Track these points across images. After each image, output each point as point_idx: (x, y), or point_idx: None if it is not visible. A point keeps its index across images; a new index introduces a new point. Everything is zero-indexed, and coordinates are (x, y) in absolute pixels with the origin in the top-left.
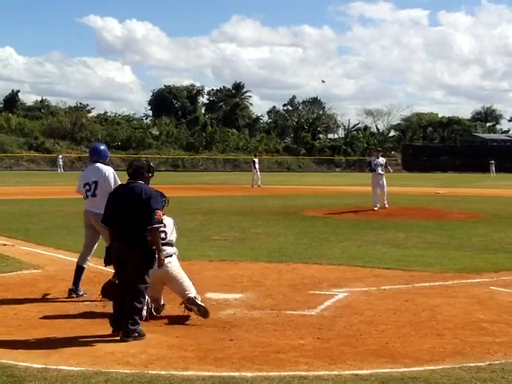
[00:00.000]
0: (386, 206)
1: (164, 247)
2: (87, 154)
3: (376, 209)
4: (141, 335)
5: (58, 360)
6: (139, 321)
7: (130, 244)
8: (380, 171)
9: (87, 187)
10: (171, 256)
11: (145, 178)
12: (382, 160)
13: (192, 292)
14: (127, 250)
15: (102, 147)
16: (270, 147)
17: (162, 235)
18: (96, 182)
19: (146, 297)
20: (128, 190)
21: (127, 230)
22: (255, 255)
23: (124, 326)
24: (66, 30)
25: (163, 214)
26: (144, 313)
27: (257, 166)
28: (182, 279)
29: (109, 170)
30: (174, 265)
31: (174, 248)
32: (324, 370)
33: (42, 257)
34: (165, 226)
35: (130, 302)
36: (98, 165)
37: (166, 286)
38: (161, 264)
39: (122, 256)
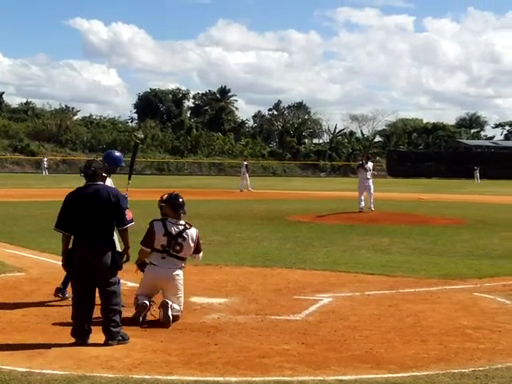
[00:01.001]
0: (372, 209)
1: (172, 259)
2: (72, 157)
3: (362, 210)
4: (125, 339)
5: (41, 364)
6: (120, 323)
7: (100, 248)
8: (368, 175)
9: None
10: (180, 269)
11: (103, 178)
12: (370, 165)
13: (179, 306)
14: (95, 254)
15: (116, 154)
16: (256, 152)
17: (177, 247)
18: None
19: (147, 302)
20: (92, 193)
21: (94, 233)
22: (240, 260)
23: (106, 329)
24: (52, 33)
25: (190, 226)
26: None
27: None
28: (180, 294)
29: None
30: (180, 278)
31: (184, 262)
32: (308, 375)
33: (25, 259)
34: (184, 239)
35: (106, 305)
36: None
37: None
38: (127, 260)
39: (87, 260)
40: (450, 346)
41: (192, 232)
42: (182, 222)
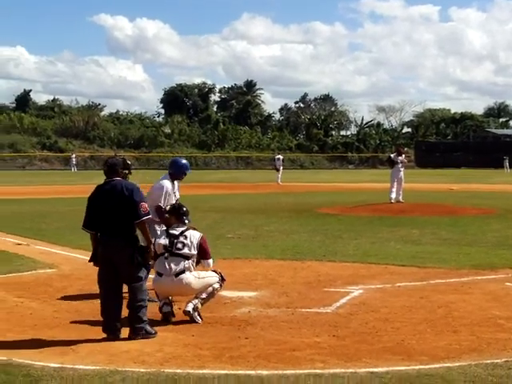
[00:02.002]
0: (402, 200)
1: (176, 258)
2: (100, 153)
3: (393, 201)
4: (150, 333)
5: (73, 359)
6: (145, 318)
7: (118, 244)
8: (400, 167)
9: None
10: (188, 272)
11: (120, 174)
12: (401, 158)
13: (208, 291)
14: (115, 250)
15: (183, 162)
16: (283, 145)
17: (179, 245)
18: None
19: (170, 309)
20: (109, 189)
21: (114, 230)
22: (269, 253)
23: (130, 325)
24: (77, 29)
25: (194, 229)
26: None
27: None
28: (200, 290)
29: (157, 184)
30: (193, 282)
31: (188, 262)
32: (340, 367)
33: (56, 256)
34: (185, 237)
35: (132, 301)
36: (163, 177)
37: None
38: (151, 257)
39: (109, 257)
40: (482, 336)
41: (194, 233)
42: (184, 226)
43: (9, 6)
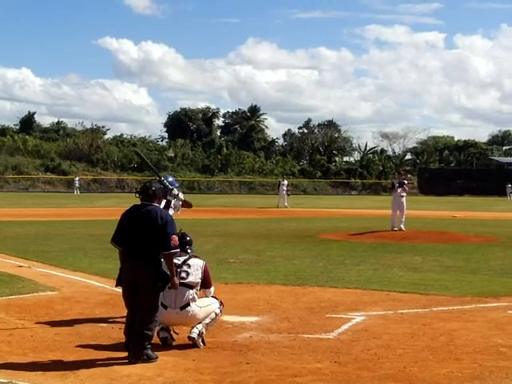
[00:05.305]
0: (403, 228)
1: (181, 288)
2: (103, 176)
3: (396, 229)
4: (151, 358)
5: (74, 382)
6: (148, 345)
7: (143, 267)
8: (402, 193)
9: None
10: (192, 303)
11: (160, 199)
12: (401, 180)
13: (212, 316)
14: (139, 272)
15: (169, 180)
16: (286, 170)
17: (183, 274)
18: None
19: (167, 335)
20: (143, 213)
21: (140, 253)
22: (271, 278)
23: (132, 348)
24: (84, 52)
25: (195, 257)
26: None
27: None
28: (203, 318)
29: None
30: (197, 312)
31: (193, 292)
32: None
33: (57, 278)
34: (189, 266)
35: (140, 328)
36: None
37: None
38: (175, 287)
39: (133, 279)
40: (485, 364)
41: (198, 261)
42: (186, 255)
43: (15, 28)
